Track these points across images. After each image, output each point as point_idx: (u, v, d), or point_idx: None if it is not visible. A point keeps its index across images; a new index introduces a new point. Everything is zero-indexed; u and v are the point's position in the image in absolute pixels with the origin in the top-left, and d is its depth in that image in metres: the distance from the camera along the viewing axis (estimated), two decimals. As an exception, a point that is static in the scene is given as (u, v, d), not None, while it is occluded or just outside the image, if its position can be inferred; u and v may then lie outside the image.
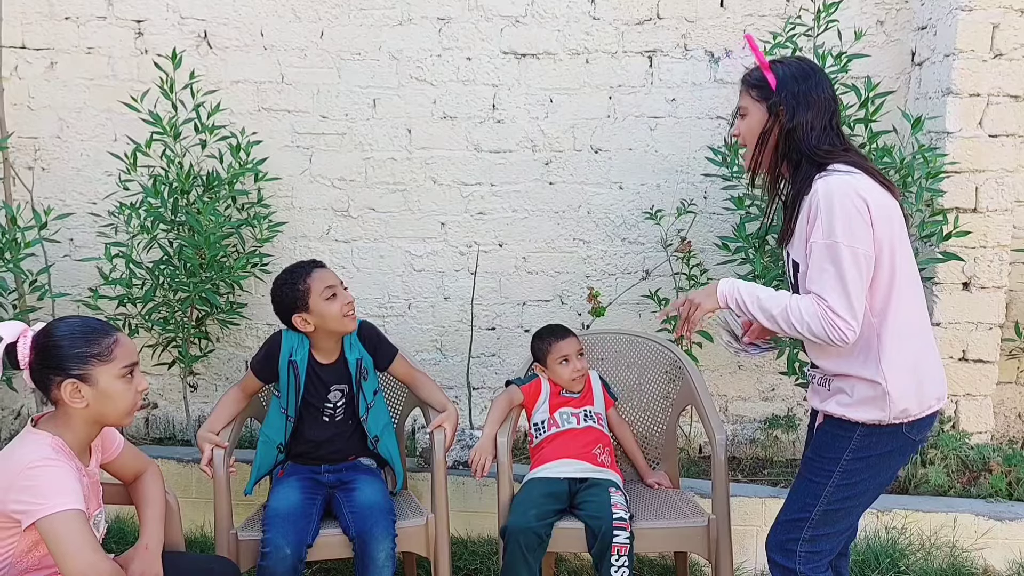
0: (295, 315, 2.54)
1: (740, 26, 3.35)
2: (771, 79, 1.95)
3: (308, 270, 2.56)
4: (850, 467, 1.97)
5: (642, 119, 3.43)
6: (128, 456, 2.12)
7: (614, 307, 3.41)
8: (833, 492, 1.99)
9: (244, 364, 3.68)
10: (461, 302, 3.56)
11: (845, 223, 1.84)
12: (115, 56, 3.54)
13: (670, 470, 2.89)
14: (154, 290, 3.27)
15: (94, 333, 1.85)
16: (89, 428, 1.90)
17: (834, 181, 1.88)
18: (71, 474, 1.81)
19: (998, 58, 3.08)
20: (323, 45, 3.49)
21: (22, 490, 1.75)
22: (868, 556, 2.92)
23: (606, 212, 3.48)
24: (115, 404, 1.87)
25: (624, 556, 2.40)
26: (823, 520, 2.01)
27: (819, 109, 1.94)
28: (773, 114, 1.95)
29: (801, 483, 2.07)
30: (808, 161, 1.93)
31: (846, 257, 1.84)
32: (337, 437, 2.64)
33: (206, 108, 3.32)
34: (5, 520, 1.78)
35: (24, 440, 1.86)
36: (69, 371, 1.82)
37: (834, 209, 1.84)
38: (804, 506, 2.03)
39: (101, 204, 3.54)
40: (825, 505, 2.00)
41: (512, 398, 2.76)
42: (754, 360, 3.51)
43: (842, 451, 1.97)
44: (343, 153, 3.53)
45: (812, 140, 1.93)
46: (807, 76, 1.96)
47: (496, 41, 3.43)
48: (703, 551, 2.54)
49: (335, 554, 2.47)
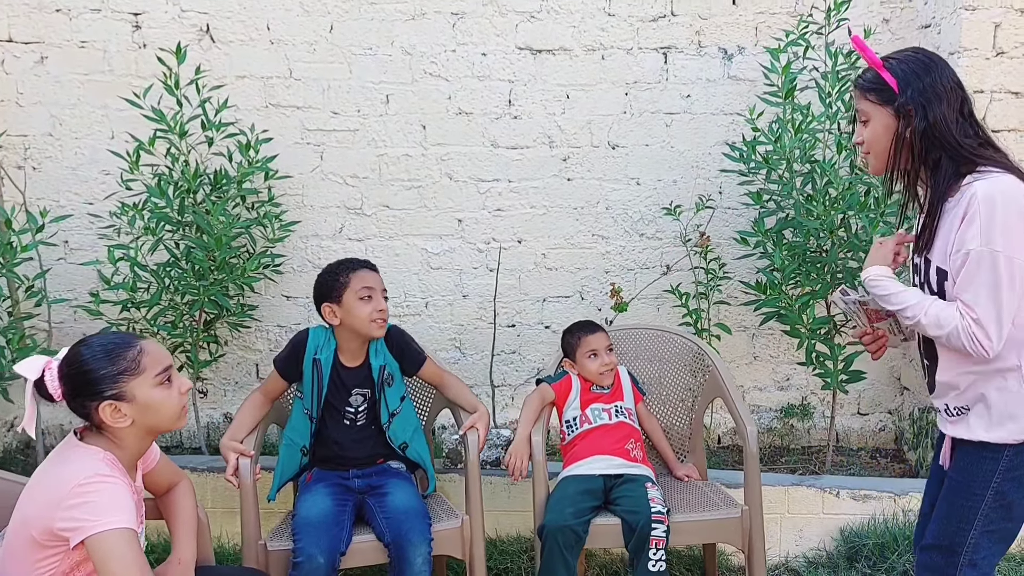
0: (325, 304, 2.56)
1: (752, 23, 3.48)
2: (890, 80, 1.86)
3: (355, 267, 2.59)
4: (1002, 488, 1.90)
5: (658, 115, 3.52)
6: (163, 468, 2.11)
7: (633, 302, 3.50)
8: (988, 515, 1.91)
9: (254, 368, 3.64)
10: (480, 300, 3.59)
11: (1006, 230, 1.75)
12: (111, 50, 3.47)
13: (698, 462, 2.98)
14: (160, 293, 3.19)
15: (117, 348, 1.82)
16: (141, 441, 1.88)
17: (996, 184, 1.79)
18: (126, 492, 1.79)
19: (1000, 56, 3.26)
20: (333, 40, 3.48)
21: (73, 507, 1.71)
22: (887, 539, 3.05)
23: (624, 208, 3.56)
24: (161, 412, 1.85)
25: (661, 550, 2.47)
26: (982, 544, 1.94)
27: (950, 100, 1.84)
28: (902, 116, 1.86)
29: (951, 508, 1.97)
30: (950, 159, 1.84)
31: (1003, 268, 1.76)
32: (362, 441, 2.64)
33: (213, 104, 3.25)
34: (49, 538, 1.73)
35: (73, 455, 1.81)
36: (103, 394, 1.79)
37: (995, 214, 1.75)
38: (958, 531, 1.94)
39: (100, 204, 3.45)
40: (982, 528, 1.92)
41: (544, 396, 2.81)
42: (770, 351, 3.63)
43: (992, 473, 1.89)
44: (356, 150, 3.52)
45: (955, 132, 1.83)
46: (928, 68, 1.86)
47: (511, 37, 3.47)
48: (737, 542, 2.62)
49: (369, 560, 2.46)
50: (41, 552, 1.75)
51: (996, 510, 1.90)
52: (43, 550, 1.74)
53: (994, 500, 1.90)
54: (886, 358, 3.57)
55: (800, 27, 3.24)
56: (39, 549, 1.75)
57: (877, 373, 3.58)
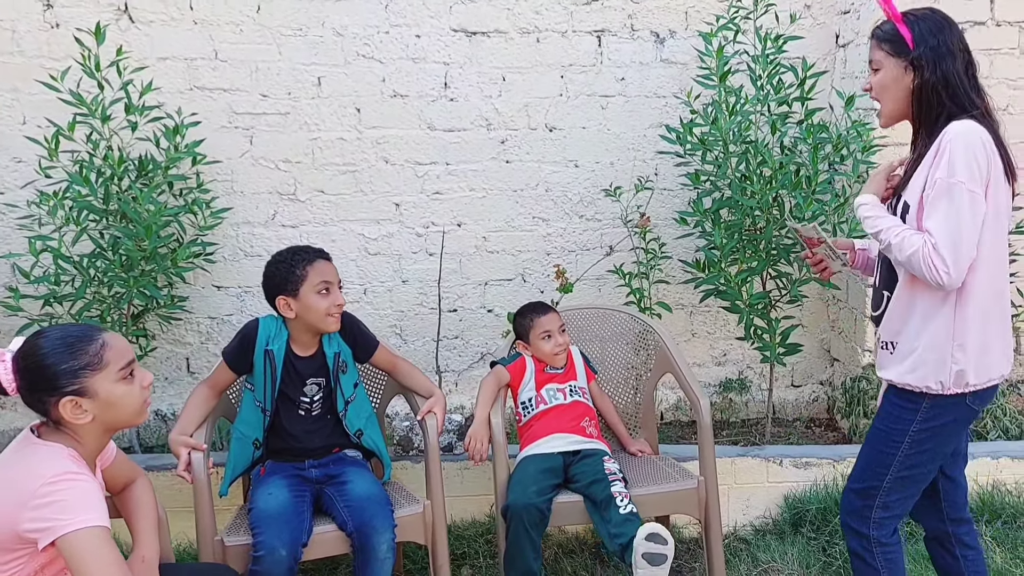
0: (280, 296, 2.52)
1: (682, 8, 3.60)
2: (907, 34, 1.98)
3: (312, 258, 2.54)
4: (918, 437, 2.08)
5: (593, 98, 3.61)
6: (121, 464, 2.07)
7: (576, 283, 3.55)
8: (903, 460, 2.10)
9: (185, 363, 3.54)
10: (420, 284, 3.60)
11: (970, 165, 1.88)
12: (20, 30, 3.34)
13: (650, 437, 3.10)
14: (85, 286, 3.07)
15: (79, 342, 1.77)
16: (101, 438, 1.84)
17: (969, 124, 1.92)
18: (96, 489, 1.74)
19: (912, 41, 3.45)
20: (260, 20, 3.43)
21: (42, 506, 1.65)
22: (828, 503, 3.21)
23: (563, 190, 3.63)
24: (123, 408, 1.81)
25: (627, 500, 2.53)
26: (894, 487, 2.13)
27: (960, 60, 1.97)
28: (916, 68, 1.98)
29: (872, 452, 2.17)
30: (947, 115, 1.96)
31: (966, 200, 1.89)
32: (317, 431, 2.63)
33: (136, 87, 3.15)
34: (13, 542, 1.68)
35: (35, 452, 1.75)
36: (63, 389, 1.74)
37: (962, 150, 1.89)
38: (876, 475, 2.13)
39: (12, 194, 3.28)
40: (896, 473, 2.11)
41: (500, 378, 2.87)
42: (707, 328, 3.76)
43: (910, 423, 2.08)
44: (287, 134, 3.48)
45: (963, 89, 1.96)
46: (942, 27, 1.98)
47: (446, 18, 3.50)
48: (695, 512, 2.73)
49: (331, 551, 2.47)
50: (3, 556, 1.69)
51: (912, 456, 2.09)
52: (5, 554, 1.69)
53: (911, 447, 2.09)
54: (817, 332, 3.77)
55: (731, 12, 3.36)
56: (1, 553, 1.69)
57: (809, 346, 3.76)
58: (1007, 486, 3.39)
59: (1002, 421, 3.65)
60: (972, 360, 2.00)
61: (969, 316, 1.99)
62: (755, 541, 3.14)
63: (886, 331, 2.13)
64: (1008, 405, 3.69)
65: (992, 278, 2.00)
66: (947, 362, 2.00)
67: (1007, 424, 3.64)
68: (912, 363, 2.04)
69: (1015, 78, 3.72)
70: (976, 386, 2.03)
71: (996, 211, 1.96)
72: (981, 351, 2.01)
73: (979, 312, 2.00)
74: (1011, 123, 3.73)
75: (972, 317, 1.99)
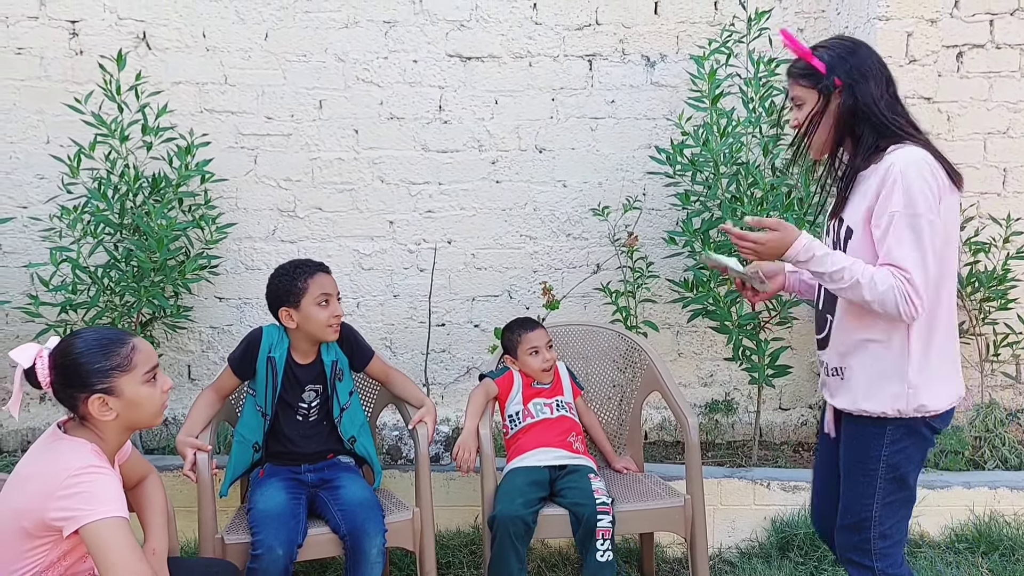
0: (283, 308, 2.69)
1: (673, 32, 3.72)
2: (818, 65, 2.05)
3: (312, 271, 2.70)
4: (892, 461, 2.07)
5: (583, 120, 3.76)
6: (135, 461, 2.20)
7: (562, 300, 3.66)
8: (885, 487, 2.09)
9: (187, 370, 3.78)
10: (410, 299, 3.78)
11: (926, 195, 1.93)
12: (48, 57, 3.64)
13: (635, 455, 3.18)
14: (99, 295, 3.33)
15: (112, 344, 1.92)
16: (121, 435, 1.98)
17: (915, 153, 1.97)
18: (117, 482, 1.88)
19: (913, 63, 3.52)
20: (267, 47, 3.67)
21: (67, 497, 1.78)
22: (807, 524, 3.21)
23: (551, 209, 3.77)
24: (144, 409, 1.95)
25: (608, 540, 2.64)
26: (885, 514, 2.11)
27: (875, 78, 2.04)
28: (831, 95, 2.05)
29: (852, 486, 2.15)
30: (874, 132, 2.03)
31: (926, 231, 1.93)
32: (313, 436, 2.79)
33: (152, 110, 3.41)
34: (41, 529, 1.81)
35: (61, 446, 1.90)
36: (93, 387, 1.88)
37: (915, 181, 1.92)
38: (863, 507, 2.12)
39: (35, 208, 3.59)
40: (882, 500, 2.10)
41: (488, 391, 2.99)
42: (693, 348, 3.82)
43: (880, 448, 2.07)
44: (289, 154, 3.71)
45: (882, 108, 2.02)
46: (852, 51, 2.06)
47: (442, 44, 3.69)
48: (680, 530, 2.80)
49: (323, 553, 2.60)
50: (31, 543, 1.83)
51: (891, 483, 2.09)
52: (32, 540, 1.83)
53: (887, 473, 2.08)
54: (806, 354, 3.79)
55: (723, 36, 3.45)
56: (28, 540, 1.83)
57: (798, 368, 3.80)
58: (1005, 517, 3.37)
59: (1000, 451, 3.63)
60: (928, 385, 2.01)
61: (924, 338, 2.01)
62: (741, 564, 3.18)
63: (833, 356, 2.15)
64: (1007, 435, 3.65)
65: (949, 296, 2.03)
66: (903, 388, 2.01)
67: (1006, 454, 3.62)
68: (866, 391, 2.06)
69: (1015, 101, 3.73)
70: (935, 411, 2.04)
71: (945, 227, 1.98)
72: (937, 375, 2.03)
73: (934, 333, 2.02)
74: (1011, 146, 3.74)
75: (927, 340, 2.01)
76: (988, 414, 3.71)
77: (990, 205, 3.77)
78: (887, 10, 3.49)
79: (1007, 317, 3.71)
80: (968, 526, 3.35)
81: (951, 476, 3.45)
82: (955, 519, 3.34)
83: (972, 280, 3.66)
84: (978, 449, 3.64)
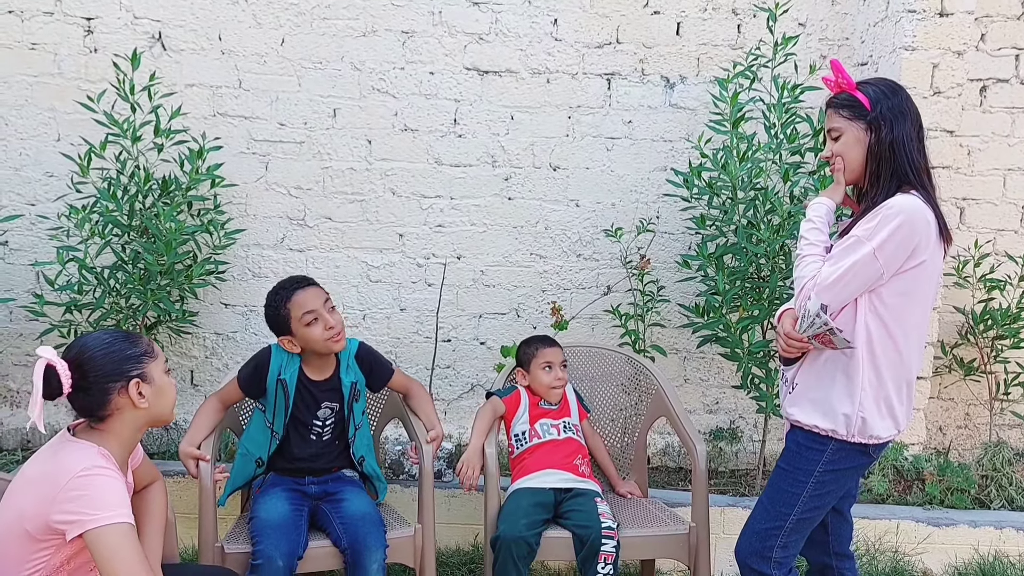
0: (281, 338, 2.80)
1: (694, 54, 3.84)
2: (863, 99, 2.23)
3: (288, 295, 2.76)
4: (822, 479, 2.29)
5: (599, 139, 3.88)
6: (146, 466, 2.28)
7: (570, 321, 3.76)
8: (806, 502, 2.30)
9: (189, 375, 3.90)
10: (417, 314, 3.90)
11: (888, 238, 2.12)
12: (62, 53, 3.77)
13: (640, 480, 3.31)
14: (105, 296, 3.42)
15: (130, 336, 2.04)
16: (136, 433, 2.05)
17: (914, 203, 2.15)
18: (121, 484, 1.93)
19: (937, 95, 3.63)
20: (283, 52, 3.78)
21: (70, 500, 1.84)
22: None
23: (563, 228, 3.89)
24: (166, 399, 2.05)
25: (610, 564, 2.74)
26: (796, 528, 2.34)
27: (912, 122, 2.23)
28: (873, 130, 2.22)
29: (776, 492, 2.37)
30: (896, 175, 2.21)
31: (864, 257, 2.14)
32: (325, 455, 2.88)
33: (165, 111, 3.51)
34: (45, 532, 1.86)
35: (67, 449, 1.95)
36: (130, 373, 1.97)
37: (894, 226, 2.12)
38: (780, 515, 2.33)
39: (44, 206, 3.70)
40: (798, 514, 2.32)
41: (496, 409, 3.10)
42: (700, 374, 3.91)
43: (816, 463, 2.28)
44: (301, 162, 3.83)
45: (911, 151, 2.21)
46: (895, 91, 2.25)
47: (459, 57, 3.79)
48: (684, 557, 2.90)
49: (323, 566, 2.68)
50: (35, 546, 1.88)
51: (815, 498, 2.31)
52: (37, 543, 1.88)
53: (815, 488, 2.30)
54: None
55: (749, 60, 3.53)
56: (33, 543, 1.88)
57: (805, 399, 3.87)
58: (1010, 558, 3.49)
59: (1007, 491, 3.74)
60: (878, 413, 2.22)
61: (881, 370, 2.21)
62: (743, 594, 3.29)
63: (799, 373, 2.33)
64: (1014, 474, 3.75)
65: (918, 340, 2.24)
66: (855, 413, 2.22)
67: (1012, 494, 3.73)
68: (822, 408, 2.26)
69: (1040, 137, 3.80)
70: (878, 439, 2.26)
71: (928, 277, 2.19)
72: (887, 406, 2.24)
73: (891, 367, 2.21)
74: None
75: (883, 372, 2.21)
76: (996, 453, 3.83)
77: (1007, 242, 3.91)
78: (913, 40, 3.58)
79: (1019, 356, 3.82)
80: (972, 565, 3.48)
81: (956, 514, 3.60)
82: (959, 558, 3.49)
83: (985, 317, 3.78)
84: (984, 488, 3.75)
